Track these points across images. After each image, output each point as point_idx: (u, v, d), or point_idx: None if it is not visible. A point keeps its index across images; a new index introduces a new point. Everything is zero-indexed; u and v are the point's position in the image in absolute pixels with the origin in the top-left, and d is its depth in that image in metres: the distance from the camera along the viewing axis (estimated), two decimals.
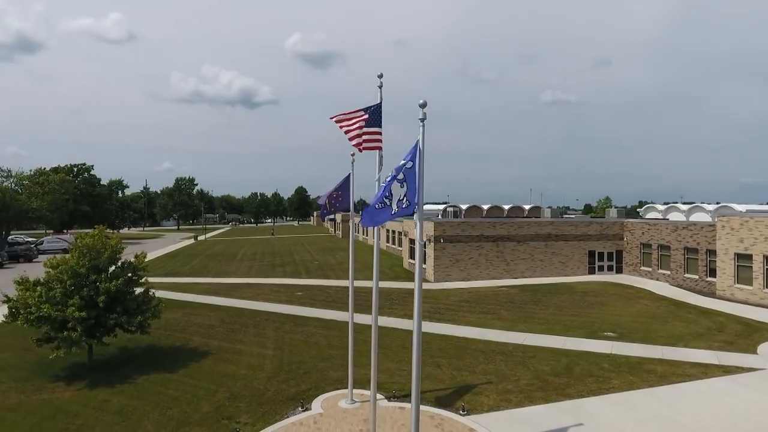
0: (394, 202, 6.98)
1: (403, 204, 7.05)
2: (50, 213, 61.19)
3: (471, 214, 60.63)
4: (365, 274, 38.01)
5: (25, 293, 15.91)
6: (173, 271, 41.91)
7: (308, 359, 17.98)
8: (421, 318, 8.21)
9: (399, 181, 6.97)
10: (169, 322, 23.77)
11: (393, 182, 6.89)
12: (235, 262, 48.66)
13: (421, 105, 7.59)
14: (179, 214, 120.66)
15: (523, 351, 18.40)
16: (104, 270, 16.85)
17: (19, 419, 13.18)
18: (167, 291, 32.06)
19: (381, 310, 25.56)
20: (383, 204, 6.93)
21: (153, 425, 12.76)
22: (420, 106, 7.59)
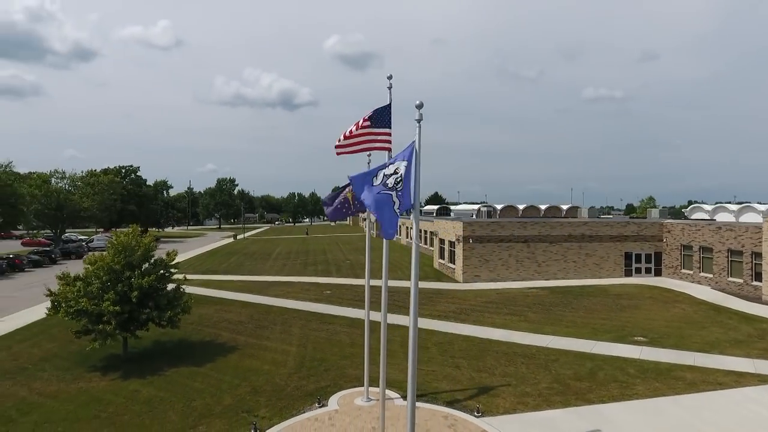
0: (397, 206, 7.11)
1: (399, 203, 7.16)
2: (100, 212, 64.57)
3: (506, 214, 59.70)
4: (395, 273, 38.24)
5: (65, 288, 16.99)
6: (211, 269, 43.41)
7: (330, 357, 18.31)
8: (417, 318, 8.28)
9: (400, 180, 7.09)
10: (201, 317, 24.73)
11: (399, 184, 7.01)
12: (270, 260, 49.86)
13: (417, 106, 7.67)
14: (220, 213, 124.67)
15: (546, 354, 18.07)
16: (137, 267, 17.75)
17: (57, 406, 14.09)
18: (203, 288, 33.33)
19: (407, 309, 25.69)
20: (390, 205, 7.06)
21: (177, 416, 13.36)
22: (416, 107, 7.68)
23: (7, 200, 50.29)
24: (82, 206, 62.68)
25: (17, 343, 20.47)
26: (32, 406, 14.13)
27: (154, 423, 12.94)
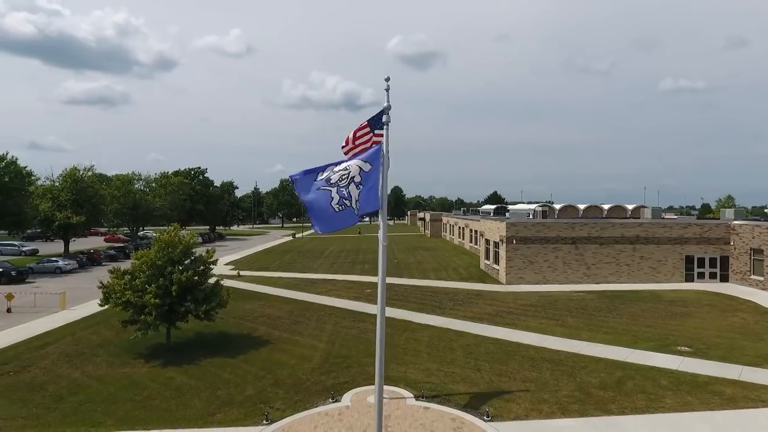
0: (354, 203, 7.25)
1: (358, 206, 7.30)
2: (170, 211, 69.34)
3: (565, 214, 57.47)
4: (440, 274, 38.08)
5: (114, 281, 18.61)
6: (264, 266, 45.36)
7: (354, 354, 18.67)
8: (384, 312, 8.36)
9: (356, 183, 7.24)
10: (245, 312, 26.04)
11: (350, 184, 7.17)
12: (321, 258, 51.23)
13: (385, 109, 7.78)
14: (283, 212, 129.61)
15: (575, 360, 17.36)
16: (178, 263, 19.07)
17: (100, 388, 15.53)
18: (253, 284, 34.98)
19: (442, 310, 25.61)
20: (343, 206, 7.23)
21: (201, 403, 14.29)
22: (384, 110, 7.78)
23: (90, 200, 55.38)
24: (155, 206, 67.63)
25: (81, 330, 22.64)
26: (81, 387, 15.66)
27: (180, 408, 13.92)
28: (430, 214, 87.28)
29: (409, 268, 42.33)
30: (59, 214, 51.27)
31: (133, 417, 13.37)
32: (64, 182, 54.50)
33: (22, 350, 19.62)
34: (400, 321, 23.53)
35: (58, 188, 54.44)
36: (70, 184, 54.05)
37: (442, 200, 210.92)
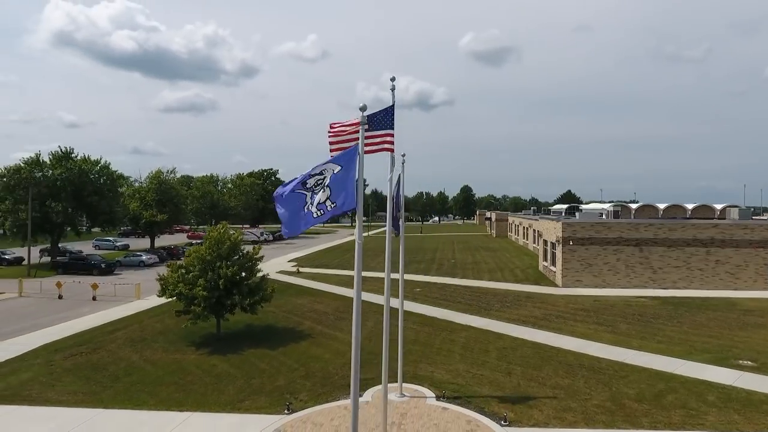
0: (314, 207, 7.49)
1: (328, 207, 7.50)
2: (244, 210, 73.75)
3: (643, 214, 54.01)
4: (495, 275, 37.22)
5: (169, 274, 20.29)
6: (323, 263, 46.87)
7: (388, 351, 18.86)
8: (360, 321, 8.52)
9: (324, 186, 7.48)
10: (295, 307, 27.20)
11: (321, 189, 7.42)
12: (380, 257, 51.89)
13: (361, 108, 7.95)
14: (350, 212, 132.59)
15: (616, 369, 16.37)
16: (225, 258, 20.39)
17: (152, 371, 17.05)
18: (309, 280, 36.36)
19: (487, 311, 25.13)
20: (308, 210, 7.50)
21: (234, 390, 15.25)
22: (360, 109, 7.96)
23: (172, 200, 60.34)
24: (230, 205, 72.24)
25: (148, 318, 24.87)
26: (136, 369, 17.29)
27: (214, 393, 14.96)
28: (496, 213, 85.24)
29: (464, 268, 41.78)
30: (145, 212, 56.38)
31: (172, 398, 14.57)
32: (150, 184, 59.85)
33: (96, 334, 21.95)
34: (442, 321, 23.42)
35: (145, 189, 59.90)
36: (155, 185, 59.27)
37: (516, 200, 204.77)
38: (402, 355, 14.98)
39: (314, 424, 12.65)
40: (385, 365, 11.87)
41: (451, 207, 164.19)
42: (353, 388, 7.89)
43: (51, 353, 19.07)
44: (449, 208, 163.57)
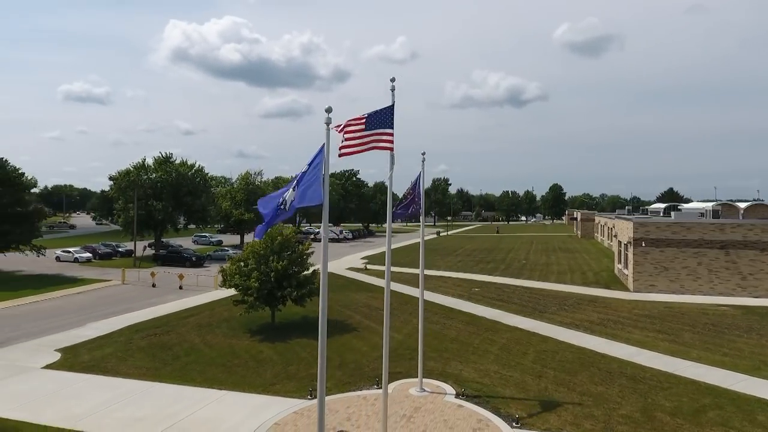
0: (287, 202, 8.10)
1: (291, 202, 8.11)
2: None
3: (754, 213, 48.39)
4: (563, 277, 35.53)
5: (229, 267, 22.26)
6: (393, 261, 47.53)
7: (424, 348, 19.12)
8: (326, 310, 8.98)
9: (293, 186, 8.09)
10: (351, 301, 28.29)
11: (288, 190, 8.05)
12: (450, 256, 51.71)
13: (326, 110, 8.45)
14: (435, 211, 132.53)
15: (661, 380, 15.19)
16: (277, 253, 21.90)
17: (207, 353, 18.90)
18: (374, 277, 37.38)
19: (540, 314, 24.29)
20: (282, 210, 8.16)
21: (271, 374, 16.48)
22: (326, 110, 8.46)
23: (257, 200, 64.97)
24: None
25: (218, 307, 27.34)
26: (195, 350, 19.30)
27: (252, 376, 16.30)
28: (581, 213, 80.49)
29: (533, 269, 40.30)
30: (234, 211, 61.31)
31: (216, 378, 16.14)
32: (239, 184, 64.94)
33: (172, 318, 24.65)
34: (489, 321, 23.09)
35: (235, 189, 65.12)
36: (243, 186, 64.22)
37: (614, 199, 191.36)
38: (422, 351, 15.21)
39: (329, 410, 13.36)
40: (385, 360, 12.24)
41: (539, 207, 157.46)
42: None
43: (132, 333, 21.83)
44: (537, 207, 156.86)
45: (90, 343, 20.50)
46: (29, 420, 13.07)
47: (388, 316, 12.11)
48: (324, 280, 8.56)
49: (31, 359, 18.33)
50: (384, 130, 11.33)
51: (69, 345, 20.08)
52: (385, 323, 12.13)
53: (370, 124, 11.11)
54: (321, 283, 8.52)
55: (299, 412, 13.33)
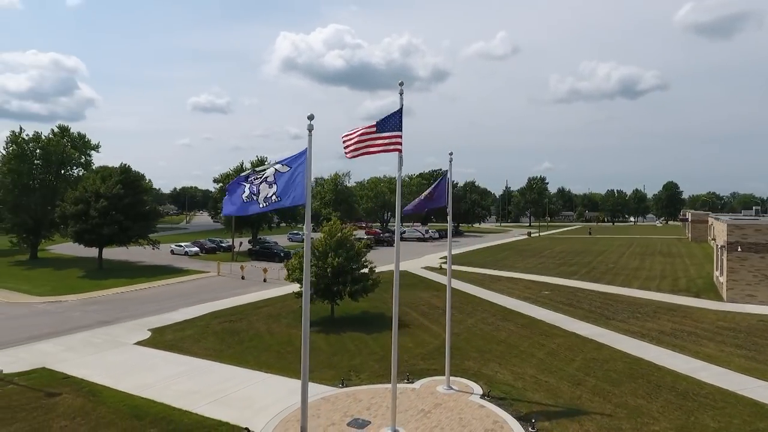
0: (261, 198, 8.92)
1: (272, 200, 8.87)
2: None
3: None
4: (649, 283, 32.80)
5: (291, 262, 24.04)
6: (470, 261, 47.27)
7: (469, 348, 19.18)
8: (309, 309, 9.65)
9: (269, 183, 8.88)
10: (414, 299, 28.83)
11: (262, 183, 8.86)
12: (533, 257, 49.82)
13: (309, 117, 9.16)
14: (530, 210, 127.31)
15: (716, 399, 13.79)
16: (334, 250, 23.20)
17: (268, 339, 20.69)
18: (444, 276, 37.47)
19: (606, 321, 22.97)
20: (251, 198, 9.00)
21: (314, 362, 17.52)
22: (308, 118, 9.17)
23: (346, 199, 68.00)
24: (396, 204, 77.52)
25: (291, 299, 29.23)
26: (257, 336, 21.23)
27: (297, 363, 17.48)
28: (693, 213, 72.38)
29: (618, 274, 37.54)
30: (323, 210, 64.82)
31: (266, 362, 17.73)
32: (328, 185, 68.50)
33: (248, 308, 27.15)
34: (546, 325, 22.31)
35: (325, 190, 68.80)
36: (332, 186, 67.64)
37: (746, 198, 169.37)
38: (450, 351, 15.38)
39: (354, 399, 14.17)
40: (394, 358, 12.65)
41: (649, 206, 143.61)
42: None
43: (211, 319, 24.53)
44: (647, 207, 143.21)
45: (176, 325, 23.43)
46: (110, 385, 15.57)
47: (397, 316, 12.55)
48: (306, 275, 9.33)
49: (127, 336, 21.51)
50: (393, 133, 11.82)
51: (159, 326, 23.15)
52: (394, 322, 12.60)
53: (380, 128, 11.68)
54: (305, 279, 9.28)
55: (326, 398, 14.29)
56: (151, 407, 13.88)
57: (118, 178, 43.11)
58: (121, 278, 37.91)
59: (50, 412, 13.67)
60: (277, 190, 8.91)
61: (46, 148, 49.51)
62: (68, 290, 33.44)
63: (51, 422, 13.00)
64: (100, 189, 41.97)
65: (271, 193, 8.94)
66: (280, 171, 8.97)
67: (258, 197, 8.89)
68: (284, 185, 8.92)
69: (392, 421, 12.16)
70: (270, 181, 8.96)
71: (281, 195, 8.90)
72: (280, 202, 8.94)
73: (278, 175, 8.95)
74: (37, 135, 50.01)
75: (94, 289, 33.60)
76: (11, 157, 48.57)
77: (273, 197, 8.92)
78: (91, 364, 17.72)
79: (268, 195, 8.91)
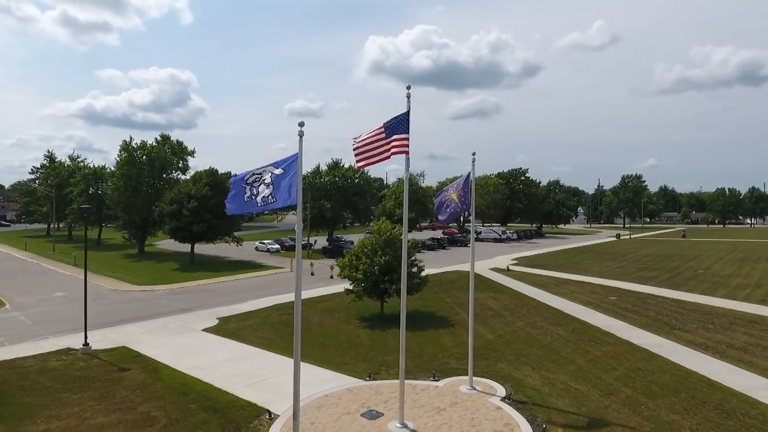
0: (259, 198, 9.72)
1: (269, 200, 9.64)
2: (487, 209, 76.57)
3: None
4: (736, 292, 30.15)
5: (343, 260, 25.15)
6: (541, 263, 45.52)
7: (505, 350, 18.93)
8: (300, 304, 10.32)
9: (266, 184, 9.67)
10: (467, 300, 28.63)
11: (261, 185, 9.66)
12: (612, 261, 46.76)
13: (299, 124, 9.86)
14: (624, 211, 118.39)
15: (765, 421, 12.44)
16: (381, 249, 23.92)
17: (317, 332, 21.89)
18: (509, 278, 36.66)
19: (670, 330, 21.52)
20: (251, 199, 9.82)
21: (352, 356, 18.52)
22: (299, 125, 9.87)
23: (419, 200, 68.44)
24: None
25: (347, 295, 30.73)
26: (308, 329, 22.39)
27: (335, 355, 18.58)
28: None
29: (704, 281, 34.15)
30: (398, 210, 65.83)
31: (308, 353, 18.51)
32: (401, 185, 69.37)
33: (308, 302, 28.62)
34: (599, 332, 21.26)
35: (399, 190, 69.78)
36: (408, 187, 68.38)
37: None
38: (473, 352, 15.41)
39: (376, 392, 14.78)
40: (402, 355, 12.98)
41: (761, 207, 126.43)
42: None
43: (272, 311, 26.40)
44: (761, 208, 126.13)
45: (241, 315, 25.56)
46: (170, 365, 17.61)
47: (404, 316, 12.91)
48: (298, 272, 10.08)
49: (198, 323, 23.93)
50: (401, 136, 12.23)
51: (227, 315, 25.43)
52: (402, 319, 12.96)
53: (389, 131, 12.16)
54: (296, 276, 10.06)
55: (350, 389, 15.05)
56: (197, 385, 15.57)
57: (206, 180, 47.45)
58: (207, 272, 41.74)
59: (117, 384, 15.87)
60: (273, 191, 9.78)
61: (151, 154, 55.77)
62: (162, 281, 37.60)
63: (115, 392, 15.12)
64: (191, 190, 46.52)
65: (267, 193, 9.81)
66: (276, 173, 9.82)
67: (257, 198, 9.82)
68: (279, 187, 9.76)
69: (401, 415, 12.58)
70: (267, 183, 9.83)
71: (276, 196, 9.75)
72: (275, 202, 9.79)
73: (274, 177, 9.81)
74: (143, 143, 56.54)
75: (183, 281, 37.41)
76: (123, 163, 55.40)
77: (270, 197, 9.79)
78: (162, 346, 20.08)
79: (265, 195, 9.80)
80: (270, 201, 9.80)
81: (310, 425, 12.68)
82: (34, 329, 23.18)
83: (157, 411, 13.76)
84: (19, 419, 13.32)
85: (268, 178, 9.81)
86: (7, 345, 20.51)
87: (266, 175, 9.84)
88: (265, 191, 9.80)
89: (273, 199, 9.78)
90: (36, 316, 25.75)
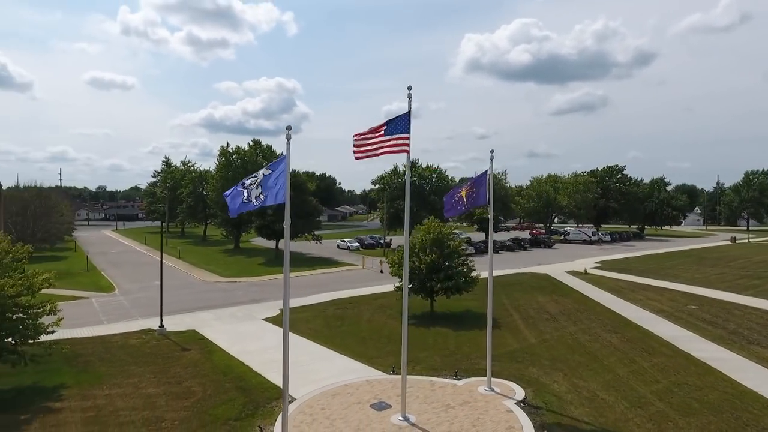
0: (253, 197, 10.60)
1: (260, 199, 10.49)
2: (577, 209, 72.22)
3: None
4: None
5: (391, 258, 25.73)
6: (626, 267, 42.16)
7: (543, 354, 18.30)
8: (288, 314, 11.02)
9: (258, 184, 10.54)
10: (526, 302, 27.77)
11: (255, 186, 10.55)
12: (712, 267, 41.86)
13: (287, 128, 10.58)
14: (748, 212, 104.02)
15: None
16: (429, 248, 24.13)
17: (363, 327, 22.70)
18: (584, 282, 34.69)
19: (746, 346, 19.63)
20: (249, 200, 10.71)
21: (384, 351, 19.04)
22: (286, 128, 10.58)
23: (501, 200, 66.68)
24: (561, 204, 72.49)
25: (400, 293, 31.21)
26: (356, 323, 23.42)
27: (368, 348, 19.25)
28: None
29: None
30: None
31: (346, 345, 19.73)
32: None
33: (365, 299, 29.70)
34: (659, 342, 19.71)
35: None
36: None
37: None
38: (491, 353, 15.21)
39: (393, 386, 15.22)
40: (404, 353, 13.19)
41: None
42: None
43: (328, 306, 27.76)
44: None
45: (300, 307, 27.25)
46: (224, 348, 19.53)
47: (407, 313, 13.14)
48: (286, 276, 10.89)
49: (261, 313, 26.01)
50: (401, 135, 12.57)
51: None
52: (404, 317, 13.22)
53: (389, 130, 12.58)
54: (285, 279, 10.85)
55: (369, 381, 15.65)
56: (239, 368, 17.17)
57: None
58: None
59: (176, 361, 18.03)
60: (262, 190, 10.73)
61: (244, 158, 60.88)
62: (245, 274, 41.06)
63: (171, 368, 17.22)
64: None
65: (258, 192, 10.79)
66: (266, 174, 10.76)
67: (252, 197, 10.84)
68: (267, 186, 10.69)
69: (402, 408, 12.93)
70: (259, 183, 10.81)
71: (266, 194, 10.69)
72: (265, 201, 10.73)
73: (263, 178, 10.75)
74: (237, 147, 61.88)
75: (263, 274, 40.49)
76: (221, 166, 61.15)
77: (261, 196, 10.76)
78: (223, 331, 22.25)
79: (257, 194, 10.78)
80: (261, 199, 10.76)
81: (320, 410, 13.50)
82: (130, 311, 26.79)
83: (197, 387, 15.50)
84: (92, 384, 15.80)
85: (260, 179, 10.79)
86: (105, 323, 24.04)
87: (259, 176, 10.83)
88: (256, 191, 10.79)
89: (264, 198, 10.73)
90: (135, 301, 29.69)
